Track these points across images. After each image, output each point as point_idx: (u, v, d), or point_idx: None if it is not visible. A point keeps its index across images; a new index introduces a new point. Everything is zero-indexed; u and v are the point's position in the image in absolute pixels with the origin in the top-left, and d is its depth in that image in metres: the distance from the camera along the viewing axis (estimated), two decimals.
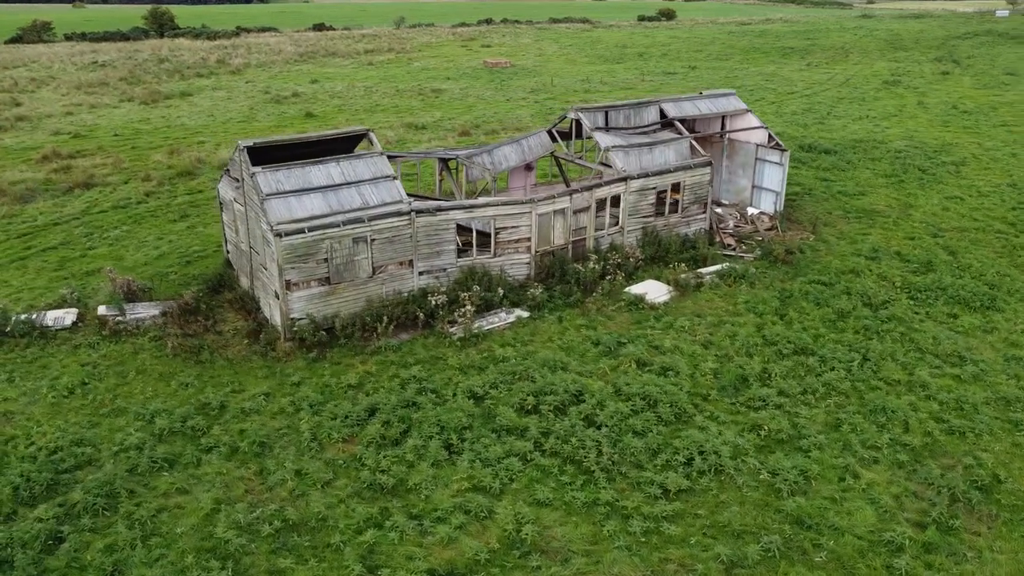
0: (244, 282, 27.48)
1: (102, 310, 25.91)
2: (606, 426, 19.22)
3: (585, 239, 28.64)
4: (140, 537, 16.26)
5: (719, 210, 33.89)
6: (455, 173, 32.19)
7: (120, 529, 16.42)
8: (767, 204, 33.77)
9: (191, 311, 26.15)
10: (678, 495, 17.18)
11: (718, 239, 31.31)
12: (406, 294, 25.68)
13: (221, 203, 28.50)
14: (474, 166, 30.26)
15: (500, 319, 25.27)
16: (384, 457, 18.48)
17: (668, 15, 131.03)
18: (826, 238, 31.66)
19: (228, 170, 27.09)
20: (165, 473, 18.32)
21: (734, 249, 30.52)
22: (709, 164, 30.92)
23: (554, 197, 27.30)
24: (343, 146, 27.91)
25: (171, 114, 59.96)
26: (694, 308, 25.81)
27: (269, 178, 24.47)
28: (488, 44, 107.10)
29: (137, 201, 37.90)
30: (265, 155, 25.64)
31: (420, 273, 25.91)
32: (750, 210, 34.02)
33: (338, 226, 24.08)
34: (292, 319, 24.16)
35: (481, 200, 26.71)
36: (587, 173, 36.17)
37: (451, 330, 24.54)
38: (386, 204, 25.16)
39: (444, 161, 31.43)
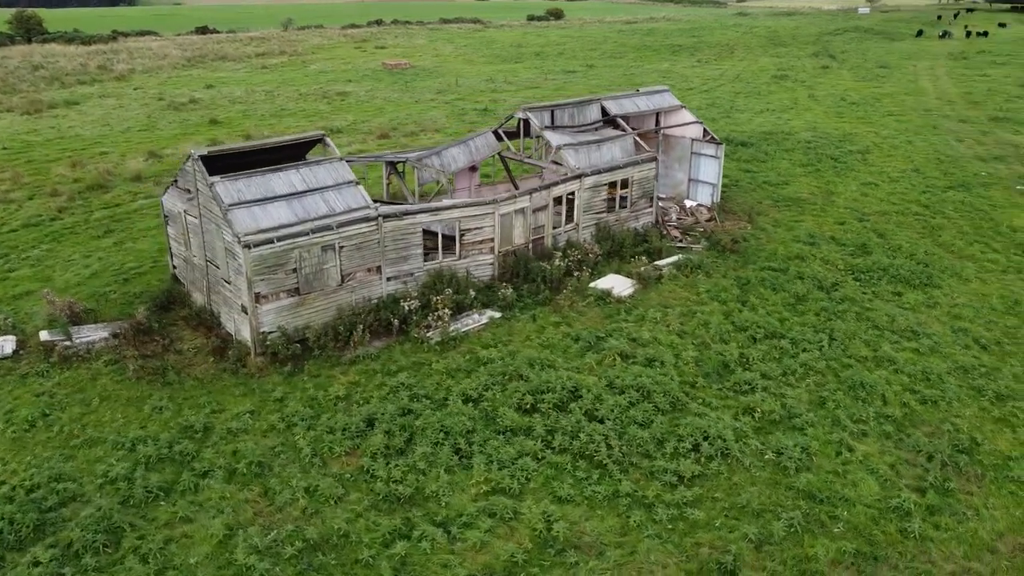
0: (198, 298, 26.31)
1: (45, 335, 24.25)
2: (608, 419, 19.57)
3: (543, 237, 28.94)
4: (154, 572, 15.41)
5: (660, 204, 34.91)
6: (404, 176, 31.82)
7: (131, 564, 15.53)
8: (704, 196, 35.04)
9: (145, 331, 24.85)
10: (693, 480, 17.71)
11: (665, 232, 32.27)
12: (375, 301, 25.26)
13: (167, 216, 27.15)
14: (425, 168, 30.05)
15: (474, 320, 25.22)
16: (395, 467, 18.19)
17: (557, 15, 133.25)
18: (763, 226, 33.17)
19: (176, 181, 25.86)
20: (163, 502, 17.41)
21: (682, 241, 31.54)
22: (655, 159, 31.84)
23: (515, 196, 27.46)
24: (295, 152, 27.16)
25: (60, 124, 56.37)
26: (659, 299, 26.55)
27: (229, 188, 23.56)
28: (382, 45, 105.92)
29: (50, 218, 35.54)
30: (219, 164, 24.66)
31: (388, 279, 25.54)
32: (687, 203, 35.20)
33: (307, 235, 23.44)
34: (263, 333, 23.34)
35: (447, 202, 26.58)
36: (530, 172, 36.52)
37: (428, 334, 24.32)
38: (352, 210, 24.67)
39: (392, 164, 31.05)
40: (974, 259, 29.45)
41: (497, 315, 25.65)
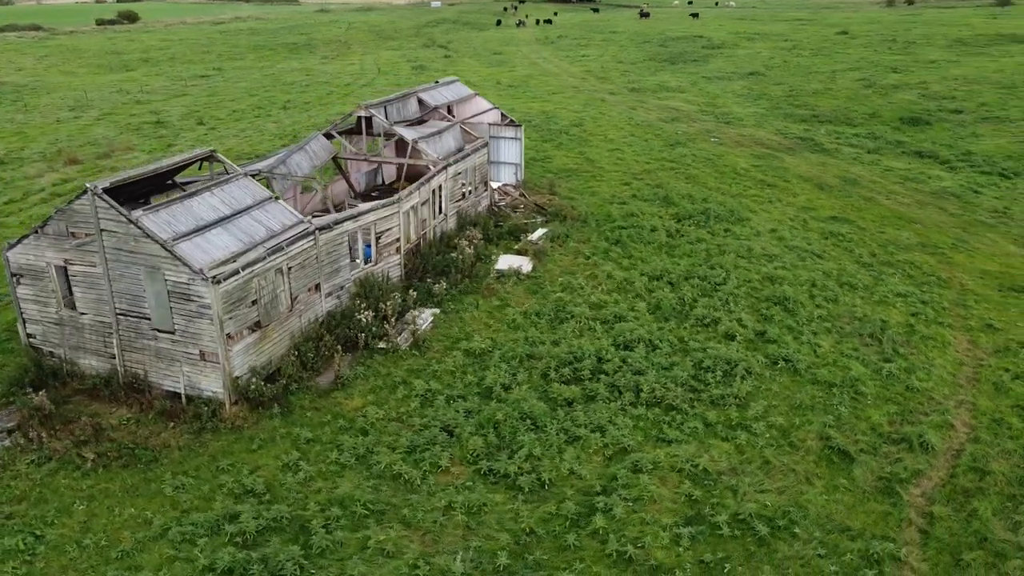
0: (93, 364, 21.96)
1: None
2: (646, 371, 21.77)
3: (425, 232, 29.30)
4: None
5: None
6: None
7: None
8: (508, 176, 37.80)
9: (48, 416, 20.33)
10: (750, 397, 20.92)
11: (504, 212, 34.43)
12: (319, 320, 23.73)
13: (17, 275, 21.91)
14: (276, 178, 28.26)
15: (424, 320, 25.10)
16: (511, 463, 18.35)
17: (131, 18, 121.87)
18: (569, 196, 37.10)
19: (42, 227, 21.14)
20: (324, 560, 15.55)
21: (526, 218, 34.06)
22: (486, 144, 33.73)
23: (411, 192, 27.49)
24: (173, 174, 23.91)
25: None
26: (561, 268, 28.96)
27: (157, 220, 20.33)
28: None
29: None
30: (115, 196, 20.94)
31: (327, 295, 24.10)
32: (493, 184, 37.63)
33: (262, 260, 21.29)
34: (236, 377, 20.76)
35: (363, 206, 25.65)
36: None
37: (397, 340, 23.72)
38: (291, 227, 22.85)
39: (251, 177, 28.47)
40: (744, 195, 36.86)
41: (436, 311, 25.78)
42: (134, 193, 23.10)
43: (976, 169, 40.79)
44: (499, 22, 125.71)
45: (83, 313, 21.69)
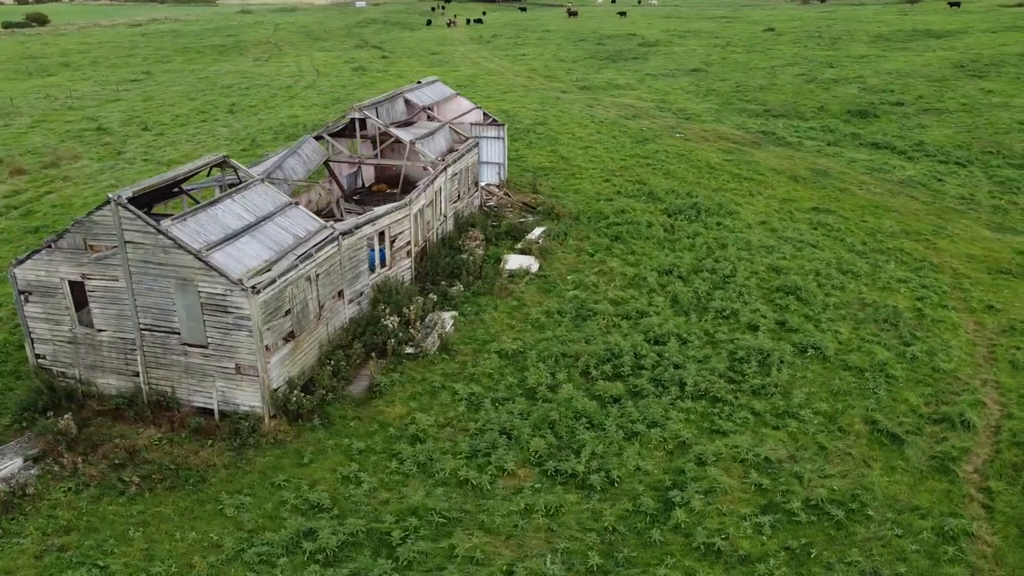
0: (112, 382, 20.88)
1: None
2: (684, 365, 22.02)
3: (430, 234, 28.92)
4: None
5: None
6: None
7: None
8: (491, 176, 37.56)
9: (74, 440, 19.30)
10: (791, 386, 21.37)
11: (498, 212, 34.24)
12: (341, 328, 23.16)
13: (25, 292, 20.64)
14: (274, 184, 27.41)
15: (445, 324, 24.75)
16: (578, 462, 18.30)
17: (40, 20, 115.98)
18: (552, 194, 37.17)
19: (56, 241, 19.98)
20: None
21: (521, 217, 33.96)
22: (477, 144, 33.49)
23: (420, 194, 27.08)
24: (176, 185, 22.96)
25: None
26: (568, 266, 29.01)
27: (185, 230, 19.49)
28: None
29: None
30: (137, 205, 19.98)
31: (349, 302, 23.53)
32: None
33: (295, 268, 20.64)
34: (274, 390, 20.08)
35: (378, 209, 25.08)
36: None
37: (425, 344, 23.34)
38: (314, 233, 22.22)
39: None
40: (725, 189, 37.63)
41: (454, 313, 25.47)
42: (139, 202, 22.07)
43: (932, 159, 42.69)
44: (429, 22, 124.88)
45: (101, 330, 20.58)
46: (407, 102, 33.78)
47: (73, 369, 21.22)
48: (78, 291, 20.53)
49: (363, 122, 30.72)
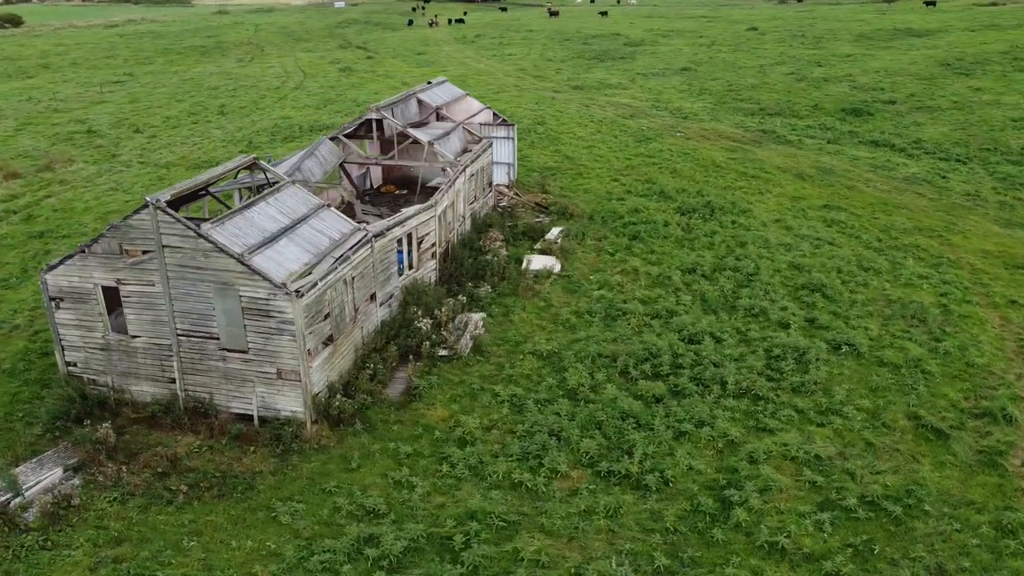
0: (146, 389, 20.48)
1: None
2: (722, 364, 22.03)
3: (452, 236, 28.72)
4: None
5: None
6: None
7: None
8: (501, 176, 37.42)
9: (113, 449, 18.92)
10: (831, 382, 21.46)
11: (512, 212, 34.09)
12: (376, 331, 22.93)
13: (58, 299, 20.16)
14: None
15: (475, 325, 24.57)
16: (631, 462, 18.24)
17: (14, 21, 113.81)
18: (562, 194, 37.12)
19: (90, 246, 19.55)
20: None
21: (538, 217, 33.84)
22: (491, 145, 33.33)
23: (443, 194, 26.87)
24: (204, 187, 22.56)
25: None
26: (590, 266, 28.96)
27: (225, 233, 19.16)
28: None
29: None
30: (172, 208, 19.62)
31: (380, 304, 23.29)
32: None
33: (334, 271, 20.38)
34: (315, 395, 19.81)
35: (406, 211, 24.84)
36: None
37: (458, 347, 23.15)
38: (349, 236, 21.96)
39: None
40: (734, 187, 37.79)
41: (483, 315, 25.30)
42: (172, 206, 21.67)
43: (932, 156, 43.18)
44: (411, 22, 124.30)
45: (136, 336, 20.16)
46: (419, 102, 33.53)
47: (105, 376, 20.77)
48: (108, 296, 20.15)
49: (379, 123, 30.44)
